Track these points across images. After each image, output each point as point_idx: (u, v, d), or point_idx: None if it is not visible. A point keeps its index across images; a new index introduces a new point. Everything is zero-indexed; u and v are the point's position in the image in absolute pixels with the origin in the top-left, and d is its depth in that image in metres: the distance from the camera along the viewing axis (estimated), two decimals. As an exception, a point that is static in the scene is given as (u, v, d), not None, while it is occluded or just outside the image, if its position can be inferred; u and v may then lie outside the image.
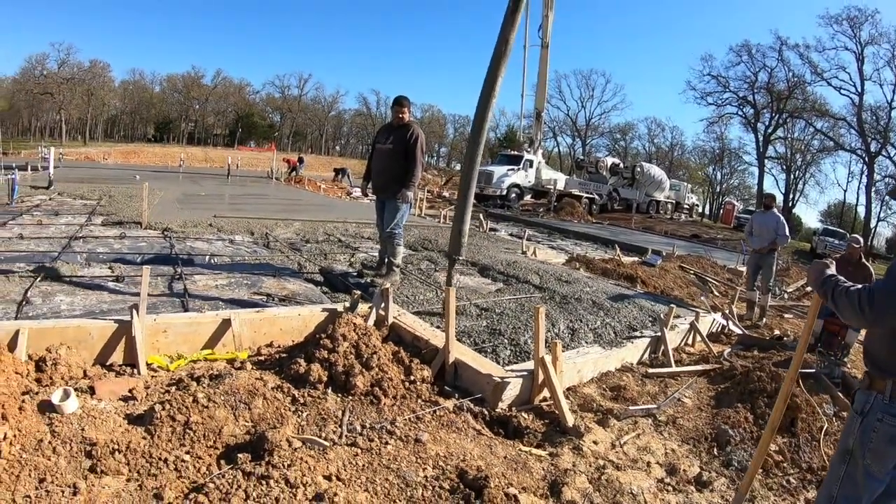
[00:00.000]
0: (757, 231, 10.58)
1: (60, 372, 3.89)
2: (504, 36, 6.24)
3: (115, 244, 8.61)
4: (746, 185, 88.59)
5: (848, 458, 2.60)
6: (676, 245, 21.92)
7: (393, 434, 3.66)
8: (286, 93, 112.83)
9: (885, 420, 2.48)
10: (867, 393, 2.60)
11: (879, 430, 2.49)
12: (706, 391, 5.89)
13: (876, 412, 2.51)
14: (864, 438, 2.53)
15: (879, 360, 2.57)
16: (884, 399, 2.50)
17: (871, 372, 2.63)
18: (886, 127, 49.20)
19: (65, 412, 3.39)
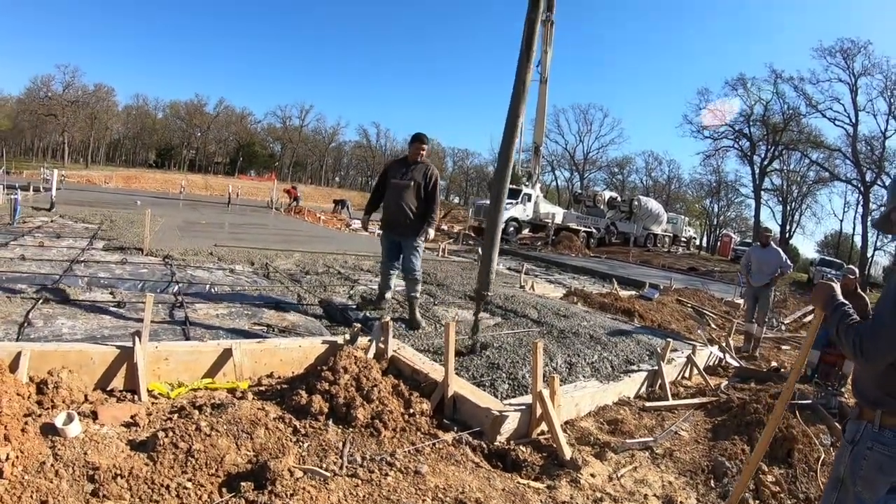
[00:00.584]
0: (756, 267, 10.63)
1: (62, 395, 3.91)
2: (521, 77, 6.43)
3: (116, 269, 8.66)
4: (743, 217, 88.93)
5: (839, 486, 2.66)
6: (674, 278, 22.00)
7: (393, 466, 3.69)
8: (287, 123, 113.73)
9: (875, 448, 2.53)
10: (857, 423, 2.66)
11: (869, 458, 2.54)
12: (703, 424, 5.91)
13: (866, 441, 2.57)
14: (855, 466, 2.59)
15: (867, 392, 2.63)
16: (873, 428, 2.56)
17: (860, 403, 2.69)
18: (881, 156, 49.44)
19: (68, 436, 3.41)
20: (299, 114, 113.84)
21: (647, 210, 48.98)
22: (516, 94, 6.47)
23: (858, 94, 49.13)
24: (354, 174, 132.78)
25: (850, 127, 50.26)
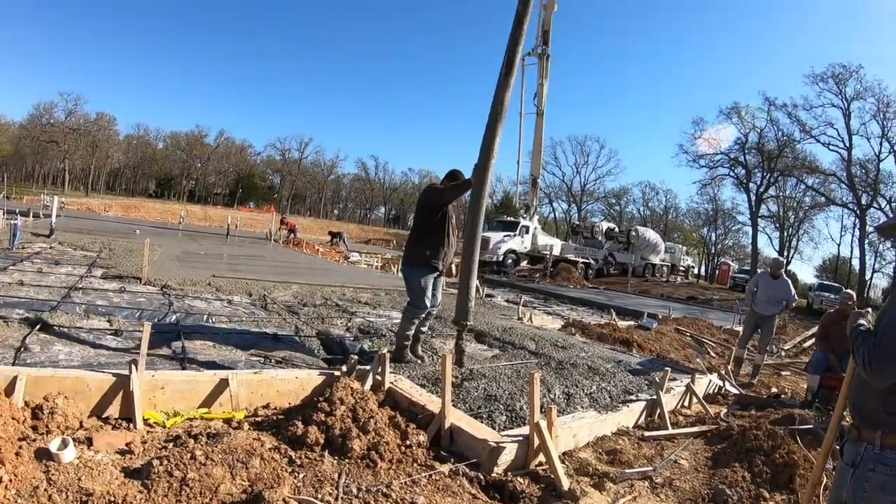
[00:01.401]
0: (763, 295, 10.61)
1: (57, 421, 3.92)
2: (499, 97, 6.44)
3: (114, 298, 8.68)
4: (741, 244, 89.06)
5: None
6: (672, 307, 21.97)
7: (389, 497, 3.67)
8: (287, 155, 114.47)
9: (878, 469, 2.53)
10: (857, 444, 2.66)
11: (872, 479, 2.54)
12: (703, 452, 5.89)
13: (867, 463, 2.57)
14: (857, 488, 2.59)
15: (867, 412, 2.64)
16: (874, 450, 2.56)
17: (858, 424, 2.69)
18: (876, 179, 49.62)
19: (62, 461, 3.41)
20: (298, 146, 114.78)
21: (644, 240, 49.07)
22: (494, 115, 6.50)
23: (851, 118, 49.49)
24: (353, 207, 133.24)
25: (844, 151, 50.55)
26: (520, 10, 6.43)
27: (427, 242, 6.75)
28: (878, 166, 50.19)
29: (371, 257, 33.44)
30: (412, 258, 6.87)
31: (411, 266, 6.88)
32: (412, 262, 6.87)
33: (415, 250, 6.86)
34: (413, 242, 6.96)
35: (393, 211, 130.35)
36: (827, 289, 39.16)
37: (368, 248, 54.45)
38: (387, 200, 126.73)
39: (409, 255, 6.94)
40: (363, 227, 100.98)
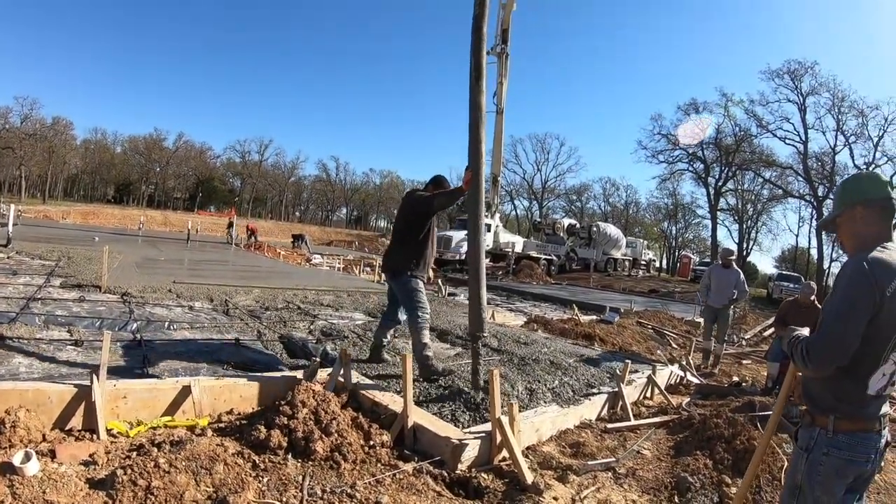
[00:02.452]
0: (715, 287, 10.83)
1: (19, 434, 3.87)
2: (475, 102, 6.43)
3: (73, 307, 8.54)
4: (701, 237, 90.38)
5: (797, 494, 2.72)
6: (635, 301, 22.22)
7: (353, 497, 3.69)
8: (247, 158, 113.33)
9: (831, 453, 2.61)
10: (810, 429, 2.73)
11: (826, 463, 2.61)
12: (665, 441, 5.98)
13: (821, 447, 2.64)
14: (812, 472, 2.65)
15: (819, 399, 2.71)
16: (827, 434, 2.63)
17: (810, 410, 2.76)
18: (832, 171, 50.57)
19: (26, 474, 3.36)
20: (258, 148, 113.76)
21: (606, 235, 49.53)
22: (474, 120, 6.52)
23: (807, 112, 50.39)
24: (314, 209, 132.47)
25: (800, 145, 51.49)
26: (477, 11, 6.45)
27: (416, 251, 6.62)
28: (833, 159, 51.22)
29: (333, 259, 33.29)
30: (404, 266, 6.60)
31: (405, 275, 6.59)
32: (405, 270, 6.59)
33: (404, 259, 6.62)
34: (401, 251, 6.69)
35: (355, 212, 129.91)
36: (786, 279, 40.00)
37: (330, 249, 54.20)
38: (348, 201, 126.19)
39: (400, 263, 6.63)
40: (325, 228, 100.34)
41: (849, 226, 2.77)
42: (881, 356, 2.56)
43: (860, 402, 2.61)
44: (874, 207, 2.67)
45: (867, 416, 2.63)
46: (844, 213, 2.76)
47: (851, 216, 2.74)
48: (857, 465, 2.61)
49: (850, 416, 2.62)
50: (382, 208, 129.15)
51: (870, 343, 2.51)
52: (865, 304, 2.46)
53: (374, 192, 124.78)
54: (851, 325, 2.46)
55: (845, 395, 2.62)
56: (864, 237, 2.69)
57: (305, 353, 7.14)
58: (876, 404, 2.65)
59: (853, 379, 2.59)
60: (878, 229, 2.67)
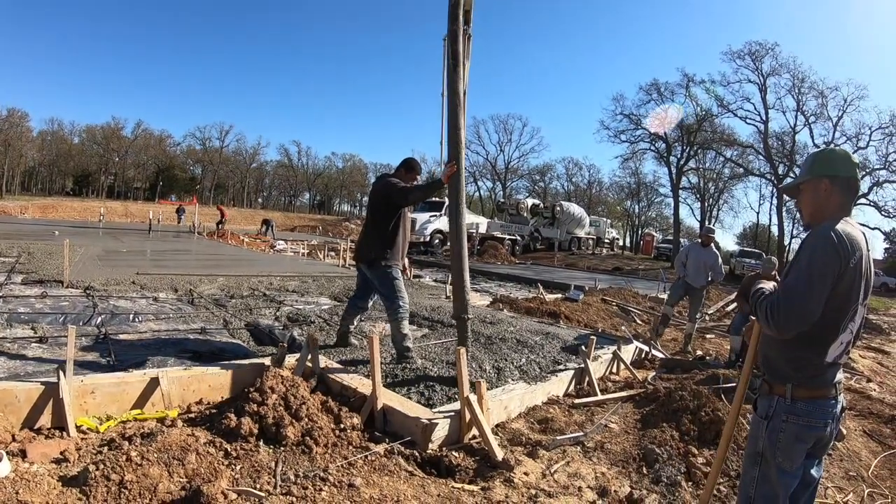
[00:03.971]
0: (693, 265, 10.77)
1: (-13, 436, 3.83)
2: (453, 89, 6.44)
3: (36, 304, 8.42)
4: (664, 215, 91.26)
5: (759, 460, 2.79)
6: (599, 279, 22.45)
7: (326, 481, 3.71)
8: (207, 144, 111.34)
9: (790, 420, 2.69)
10: (769, 398, 2.81)
11: (786, 429, 2.69)
12: (632, 415, 6.10)
13: (780, 414, 2.72)
14: (773, 439, 2.73)
15: (777, 367, 2.78)
16: (786, 401, 2.71)
17: (769, 379, 2.85)
18: (792, 150, 51.11)
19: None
20: (219, 135, 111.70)
21: (569, 215, 49.78)
22: (453, 107, 6.51)
23: (768, 93, 50.78)
24: (277, 194, 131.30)
25: (761, 125, 51.86)
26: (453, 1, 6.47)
27: (390, 239, 6.52)
28: (793, 138, 51.68)
29: (297, 245, 33.11)
30: (378, 256, 6.48)
31: (381, 264, 6.48)
32: (380, 259, 6.48)
33: (379, 247, 6.50)
34: (375, 239, 6.55)
35: (318, 197, 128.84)
36: (748, 255, 40.65)
37: (294, 235, 53.92)
38: (311, 186, 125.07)
39: (374, 252, 6.51)
40: (288, 214, 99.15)
41: (811, 195, 2.84)
42: (840, 325, 2.64)
43: (818, 371, 2.69)
44: (838, 184, 2.75)
45: (824, 384, 2.71)
46: (810, 183, 2.83)
47: (816, 187, 2.81)
48: (815, 430, 2.69)
49: (807, 384, 2.70)
50: (345, 192, 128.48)
51: (832, 311, 2.59)
52: (831, 272, 2.52)
53: (336, 176, 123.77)
54: (816, 292, 2.52)
55: (805, 363, 2.69)
56: (824, 209, 2.77)
57: (272, 339, 7.14)
58: (832, 371, 2.73)
59: (813, 347, 2.67)
60: (838, 204, 2.74)
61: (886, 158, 46.55)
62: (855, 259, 2.54)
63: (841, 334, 2.66)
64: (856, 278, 2.58)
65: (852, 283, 2.58)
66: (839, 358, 2.72)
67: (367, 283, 6.85)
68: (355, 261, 6.94)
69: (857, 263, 2.56)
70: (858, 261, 2.56)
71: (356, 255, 6.89)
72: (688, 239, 54.97)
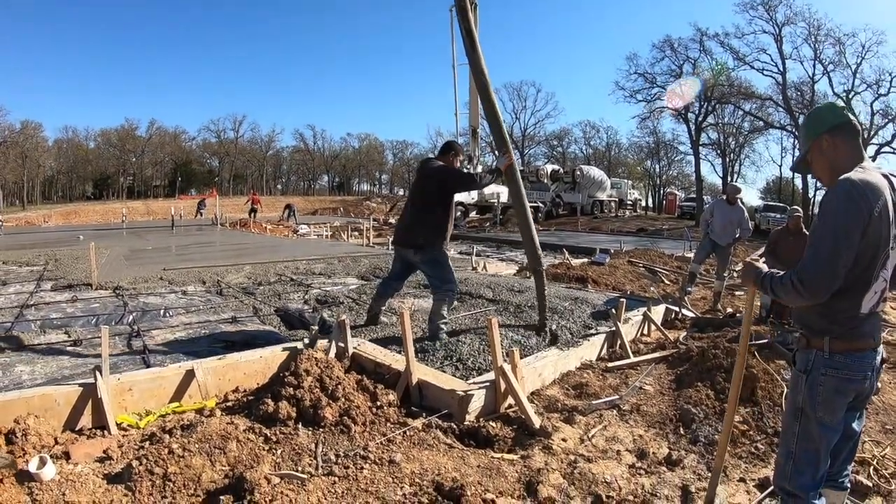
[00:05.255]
0: (719, 223, 10.62)
1: (31, 442, 3.87)
2: (477, 68, 6.52)
3: (67, 308, 8.49)
4: (685, 173, 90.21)
5: (800, 415, 2.75)
6: (624, 241, 22.27)
7: (367, 459, 3.74)
8: (222, 136, 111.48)
9: (829, 373, 2.64)
10: (807, 352, 2.76)
11: (825, 383, 2.65)
12: (666, 376, 6.06)
13: (819, 368, 2.68)
14: (813, 393, 2.69)
15: (812, 322, 2.74)
16: (824, 355, 2.66)
17: (805, 333, 2.80)
18: (811, 101, 50.22)
19: (43, 479, 3.38)
20: (233, 125, 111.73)
21: (590, 178, 49.53)
22: (482, 86, 6.56)
23: (783, 43, 49.95)
24: (296, 179, 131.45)
25: (778, 76, 50.97)
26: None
27: (445, 224, 6.51)
28: (812, 88, 50.78)
29: (320, 227, 33.22)
30: (431, 240, 6.44)
31: (434, 246, 6.47)
32: (433, 244, 6.45)
33: (432, 233, 6.44)
34: (429, 225, 6.45)
35: (336, 178, 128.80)
36: (772, 209, 40.20)
37: (316, 218, 54.03)
38: (329, 169, 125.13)
39: (427, 238, 6.44)
40: (308, 198, 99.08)
41: (820, 159, 2.78)
42: (872, 275, 2.58)
43: (854, 322, 2.64)
44: (838, 133, 2.70)
45: (862, 335, 2.66)
46: (813, 148, 2.77)
47: (819, 148, 2.75)
48: (855, 383, 2.66)
49: (845, 337, 2.65)
50: (364, 172, 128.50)
51: (860, 264, 2.53)
52: (855, 227, 2.46)
53: (353, 156, 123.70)
54: (843, 250, 2.46)
55: (840, 316, 2.65)
56: (839, 164, 2.70)
57: (303, 323, 7.17)
58: (869, 322, 2.68)
59: (847, 300, 2.61)
60: (849, 153, 2.68)
61: (910, 104, 45.80)
62: (879, 207, 2.47)
63: (874, 283, 2.61)
64: (882, 226, 2.51)
65: (880, 232, 2.52)
66: (875, 307, 2.67)
67: (406, 267, 6.86)
68: (398, 244, 6.83)
69: (882, 210, 2.49)
70: (883, 208, 2.49)
71: (401, 240, 6.78)
72: (711, 196, 54.54)
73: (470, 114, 38.33)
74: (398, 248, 6.85)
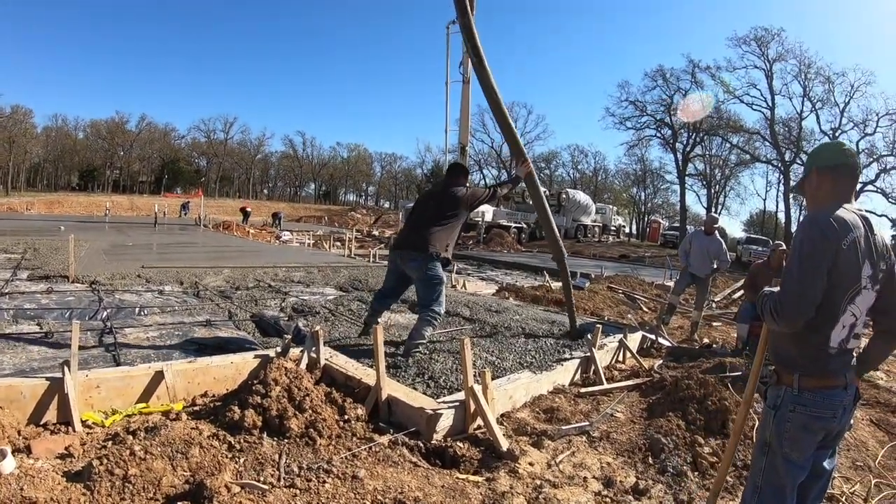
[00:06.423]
0: (696, 254, 10.63)
1: (-7, 433, 3.82)
2: (487, 85, 6.59)
3: (42, 299, 8.41)
4: (670, 202, 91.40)
5: (767, 450, 2.78)
6: (605, 266, 22.39)
7: (330, 473, 3.70)
8: (212, 137, 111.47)
9: (798, 410, 2.67)
10: (777, 388, 2.80)
11: (793, 419, 2.68)
12: (638, 404, 6.05)
13: (788, 404, 2.70)
14: (780, 429, 2.72)
15: (785, 356, 2.78)
16: (793, 391, 2.69)
17: (777, 369, 2.84)
18: (798, 136, 51.19)
19: (2, 472, 3.32)
20: (223, 127, 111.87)
21: (575, 202, 49.76)
22: (494, 103, 6.64)
23: (774, 79, 50.73)
24: (283, 185, 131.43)
25: (767, 111, 51.87)
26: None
27: (451, 239, 6.52)
28: (800, 124, 51.86)
29: (303, 235, 33.15)
30: (437, 252, 6.32)
31: (437, 261, 6.36)
32: (438, 256, 6.34)
33: (439, 244, 6.33)
34: (436, 236, 6.35)
35: (323, 187, 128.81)
36: (755, 242, 40.57)
37: (300, 225, 54.00)
38: (316, 176, 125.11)
39: (434, 248, 6.30)
40: (294, 204, 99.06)
41: (808, 189, 2.88)
42: (838, 308, 2.62)
43: (824, 358, 2.67)
44: (829, 172, 2.77)
45: (832, 373, 2.68)
46: (807, 178, 2.87)
47: (810, 181, 2.85)
48: (823, 420, 2.67)
49: (814, 374, 2.68)
50: (351, 182, 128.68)
51: (826, 295, 2.58)
52: (822, 257, 2.52)
53: (342, 166, 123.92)
54: (810, 279, 2.53)
55: (810, 349, 2.68)
56: (819, 199, 2.80)
57: (278, 331, 7.13)
58: (840, 360, 2.70)
59: (814, 332, 2.65)
60: (832, 192, 2.76)
61: (894, 145, 46.54)
62: (848, 242, 2.54)
63: (841, 317, 2.64)
64: (851, 261, 2.57)
65: (848, 267, 2.57)
66: (845, 343, 2.69)
67: (400, 282, 6.87)
68: (401, 249, 6.67)
69: (851, 245, 2.55)
70: (853, 242, 2.55)
71: (406, 244, 6.60)
72: (694, 226, 54.99)
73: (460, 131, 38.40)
74: (398, 254, 6.72)
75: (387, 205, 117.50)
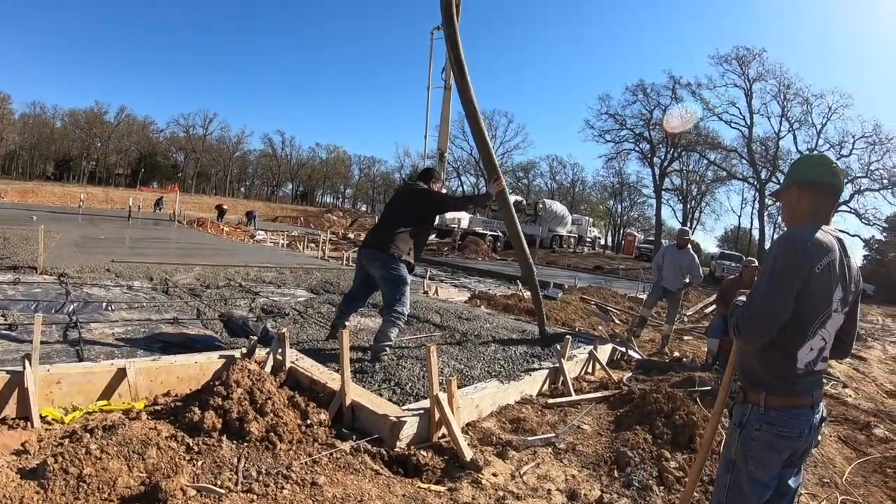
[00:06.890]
0: (668, 268, 10.69)
1: (-51, 427, 3.74)
2: (467, 98, 6.73)
3: (8, 290, 8.29)
4: (646, 216, 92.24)
5: (732, 468, 2.77)
6: (579, 277, 22.47)
7: (289, 479, 3.64)
8: (191, 132, 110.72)
9: (763, 429, 2.66)
10: (743, 406, 2.79)
11: (759, 438, 2.67)
12: (606, 417, 6.04)
13: (753, 423, 2.69)
14: (745, 447, 2.71)
15: (752, 374, 2.77)
16: (759, 410, 2.68)
17: (744, 386, 2.83)
18: (775, 156, 51.90)
19: (-46, 467, 3.27)
20: (203, 122, 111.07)
21: (551, 212, 50.02)
22: (472, 115, 6.67)
23: (753, 98, 51.40)
24: (260, 184, 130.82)
25: (745, 129, 52.62)
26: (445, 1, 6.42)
27: (416, 243, 6.54)
28: (777, 143, 52.72)
29: (277, 235, 33.00)
30: (400, 254, 6.32)
31: (400, 262, 6.35)
32: (400, 258, 6.33)
33: (402, 246, 6.35)
34: (399, 237, 6.37)
35: (301, 187, 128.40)
36: (728, 258, 41.17)
37: (275, 225, 53.79)
38: (294, 176, 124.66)
39: (396, 249, 6.31)
40: (270, 204, 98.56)
41: (786, 202, 2.86)
42: (808, 331, 2.62)
43: (790, 378, 2.67)
44: (807, 189, 2.75)
45: (799, 392, 2.68)
46: (785, 190, 2.85)
47: (788, 194, 2.83)
48: (789, 440, 2.66)
49: (781, 393, 2.67)
50: (329, 184, 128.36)
51: (797, 317, 2.57)
52: (794, 275, 2.51)
53: (320, 167, 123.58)
54: (778, 299, 2.52)
55: (775, 368, 2.67)
56: (796, 215, 2.78)
57: (245, 331, 7.06)
58: (807, 380, 2.70)
59: (782, 353, 2.65)
60: (808, 209, 2.75)
61: (868, 167, 47.45)
62: (822, 265, 2.53)
63: (810, 340, 2.64)
64: (824, 284, 2.56)
65: (820, 288, 2.56)
66: (812, 365, 2.69)
67: (366, 283, 6.84)
68: (367, 248, 6.65)
69: (825, 268, 2.54)
70: (827, 266, 2.54)
71: (372, 243, 6.60)
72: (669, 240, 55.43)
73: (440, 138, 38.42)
74: (363, 253, 6.71)
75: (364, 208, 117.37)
